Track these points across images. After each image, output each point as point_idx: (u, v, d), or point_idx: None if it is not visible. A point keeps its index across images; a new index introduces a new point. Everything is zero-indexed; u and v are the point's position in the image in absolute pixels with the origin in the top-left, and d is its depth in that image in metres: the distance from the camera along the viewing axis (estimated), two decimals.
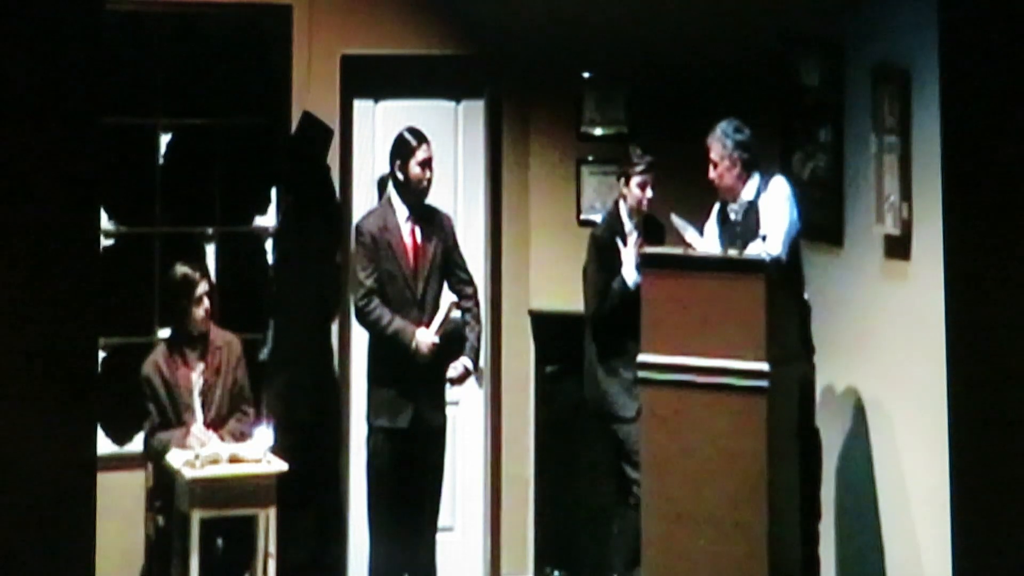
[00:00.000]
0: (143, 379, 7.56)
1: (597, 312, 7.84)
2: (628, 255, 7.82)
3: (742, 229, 7.29)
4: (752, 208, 7.36)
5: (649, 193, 7.91)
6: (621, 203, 7.96)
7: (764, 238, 7.18)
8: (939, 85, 4.77)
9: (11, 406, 4.09)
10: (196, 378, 7.57)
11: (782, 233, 7.27)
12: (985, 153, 4.46)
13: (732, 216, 7.40)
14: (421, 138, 7.72)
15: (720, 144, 7.45)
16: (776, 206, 7.34)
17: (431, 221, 7.77)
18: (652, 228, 7.99)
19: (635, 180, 7.89)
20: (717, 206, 7.61)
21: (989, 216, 4.44)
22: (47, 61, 4.13)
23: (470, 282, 7.88)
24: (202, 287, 7.61)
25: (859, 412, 7.76)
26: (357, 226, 7.76)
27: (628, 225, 7.91)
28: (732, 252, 7.26)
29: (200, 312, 7.59)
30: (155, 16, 8.20)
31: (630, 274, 7.79)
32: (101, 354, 7.85)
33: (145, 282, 8.17)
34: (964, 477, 4.48)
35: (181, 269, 7.66)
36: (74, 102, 4.16)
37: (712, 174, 7.48)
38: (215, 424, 7.54)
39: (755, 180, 7.47)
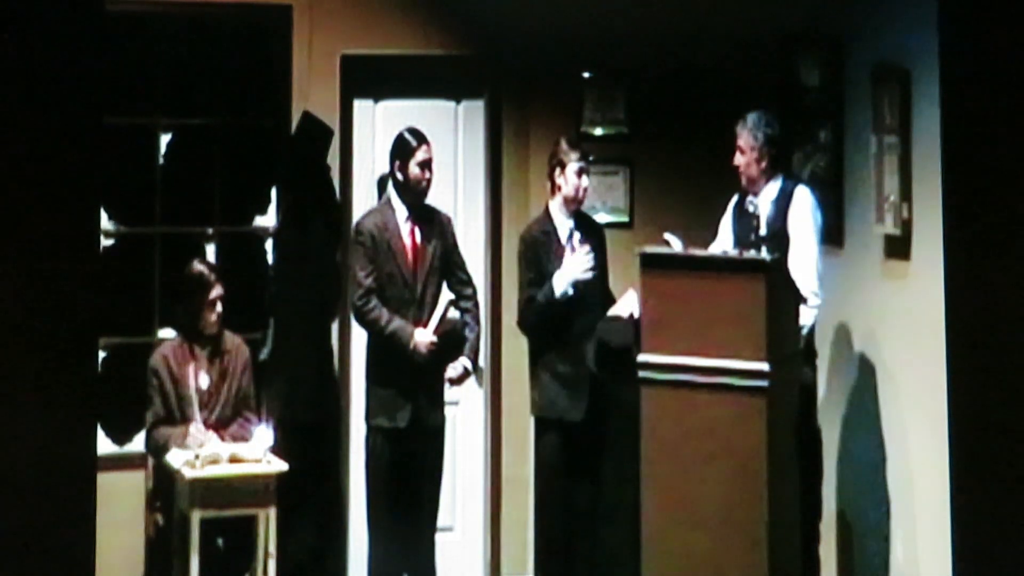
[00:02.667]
0: (150, 370, 7.56)
1: (520, 324, 7.75)
2: (575, 260, 7.62)
3: (757, 224, 7.25)
4: (775, 211, 7.31)
5: (586, 182, 7.78)
6: (551, 200, 7.79)
7: (780, 255, 7.11)
8: (939, 85, 4.76)
9: (11, 406, 4.08)
10: (203, 377, 7.57)
11: (813, 267, 7.25)
12: (985, 153, 4.45)
13: (751, 209, 7.35)
14: (421, 138, 7.72)
15: (751, 135, 7.40)
16: (804, 233, 7.30)
17: (431, 221, 7.77)
18: (587, 227, 7.83)
19: (571, 168, 7.71)
20: (735, 199, 7.57)
21: (989, 216, 4.44)
22: (47, 61, 4.13)
23: (469, 283, 7.87)
24: (217, 290, 7.60)
25: (859, 412, 7.76)
26: (356, 226, 7.76)
27: (564, 222, 7.74)
28: (731, 252, 7.26)
29: (213, 315, 7.58)
30: (155, 16, 8.21)
31: (561, 283, 7.61)
32: (101, 354, 7.85)
33: (145, 282, 8.18)
34: (964, 477, 4.48)
35: (198, 267, 7.66)
36: (74, 102, 4.16)
37: (738, 160, 7.43)
38: (217, 427, 7.54)
39: (778, 180, 7.44)
